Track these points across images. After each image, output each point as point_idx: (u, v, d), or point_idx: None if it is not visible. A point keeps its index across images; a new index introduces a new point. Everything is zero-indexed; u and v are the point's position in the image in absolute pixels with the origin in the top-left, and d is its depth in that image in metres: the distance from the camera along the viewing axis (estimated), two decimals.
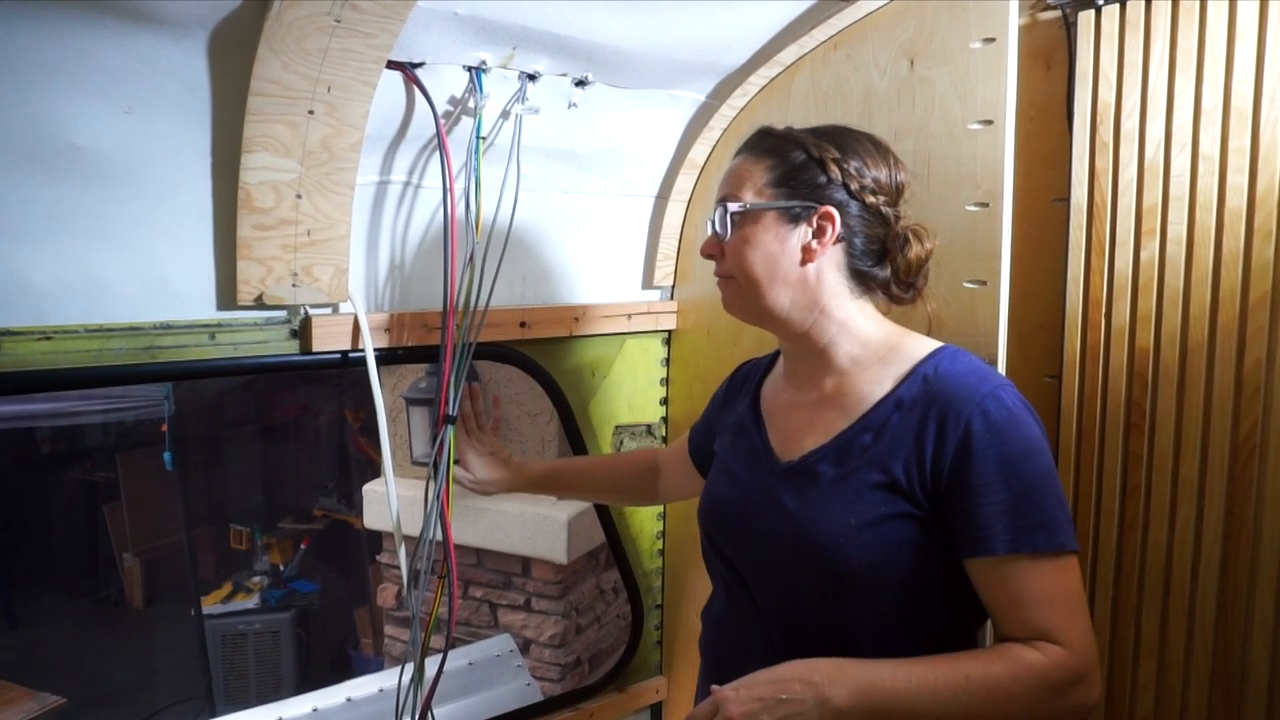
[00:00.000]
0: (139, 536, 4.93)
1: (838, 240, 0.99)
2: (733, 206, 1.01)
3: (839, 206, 0.98)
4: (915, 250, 1.01)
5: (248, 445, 5.04)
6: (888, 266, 1.02)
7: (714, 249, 1.05)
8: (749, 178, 1.02)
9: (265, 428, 5.10)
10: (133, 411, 4.43)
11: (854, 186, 0.98)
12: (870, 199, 0.99)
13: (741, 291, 1.03)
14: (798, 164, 1.00)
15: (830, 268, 1.00)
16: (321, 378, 4.84)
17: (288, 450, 5.13)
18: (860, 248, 1.00)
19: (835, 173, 0.98)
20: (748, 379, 1.20)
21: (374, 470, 4.17)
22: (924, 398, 0.94)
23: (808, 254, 0.99)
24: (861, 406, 0.98)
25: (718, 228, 1.02)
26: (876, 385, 0.99)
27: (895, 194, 1.02)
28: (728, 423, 1.18)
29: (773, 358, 1.18)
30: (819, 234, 0.98)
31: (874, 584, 0.93)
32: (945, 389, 0.93)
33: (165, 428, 4.20)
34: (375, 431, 1.33)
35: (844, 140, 1.02)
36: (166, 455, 4.19)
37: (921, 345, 1.00)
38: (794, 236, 0.99)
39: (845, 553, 0.93)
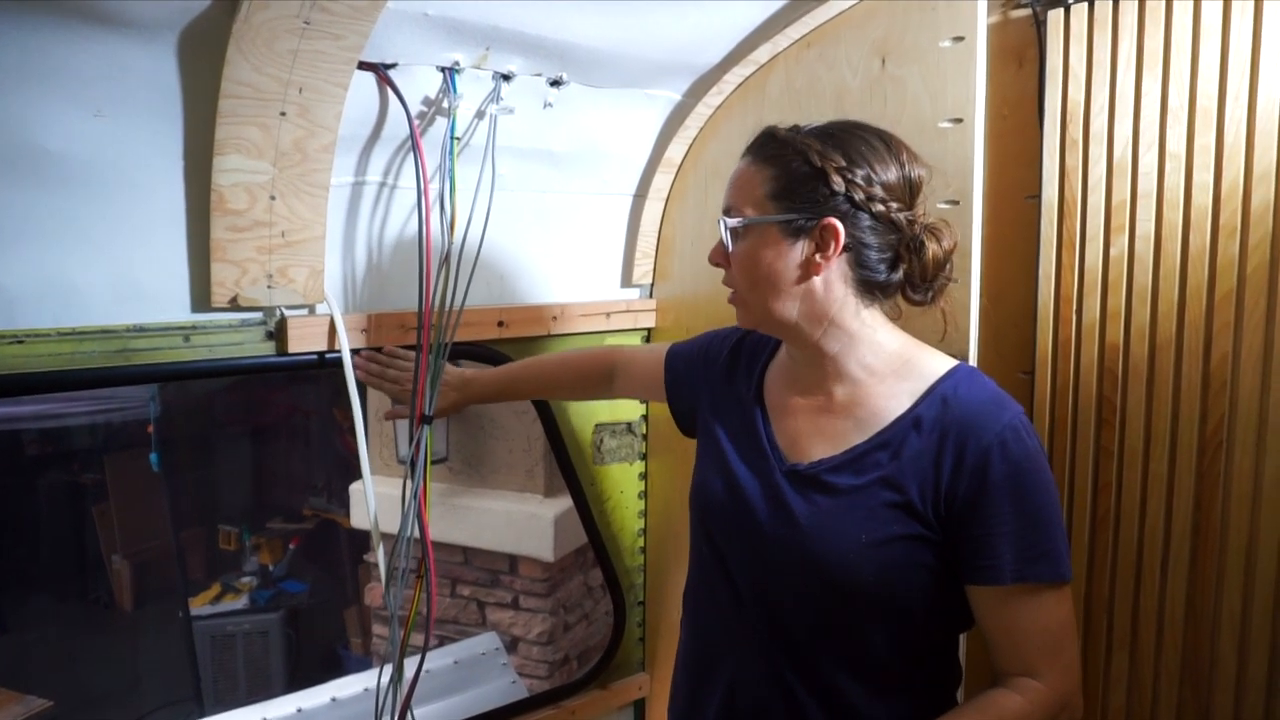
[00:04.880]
0: (127, 538, 4.89)
1: (843, 251, 0.95)
2: (732, 221, 0.98)
3: (844, 218, 0.94)
4: (933, 250, 0.97)
5: (235, 445, 5.00)
6: (900, 271, 0.98)
7: (720, 258, 1.02)
8: (750, 188, 0.98)
9: (253, 428, 5.06)
10: (118, 413, 4.41)
11: (860, 196, 0.93)
12: (879, 207, 0.94)
13: (748, 305, 1.01)
14: (800, 175, 0.95)
15: (837, 280, 0.96)
16: (309, 378, 4.81)
17: (276, 450, 5.10)
18: (872, 258, 0.96)
19: (839, 183, 0.93)
20: (754, 356, 1.14)
21: None
22: (943, 421, 0.93)
23: (812, 268, 0.95)
24: (876, 421, 0.97)
25: (723, 239, 1.00)
26: (893, 400, 0.97)
27: (908, 195, 0.97)
28: (728, 398, 1.13)
29: (777, 341, 1.13)
30: (822, 248, 0.94)
31: (873, 599, 0.94)
32: (966, 415, 0.92)
33: (151, 429, 4.17)
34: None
35: (851, 145, 0.96)
36: (153, 456, 4.17)
37: (937, 361, 0.99)
38: (796, 250, 0.95)
39: (850, 568, 0.93)
